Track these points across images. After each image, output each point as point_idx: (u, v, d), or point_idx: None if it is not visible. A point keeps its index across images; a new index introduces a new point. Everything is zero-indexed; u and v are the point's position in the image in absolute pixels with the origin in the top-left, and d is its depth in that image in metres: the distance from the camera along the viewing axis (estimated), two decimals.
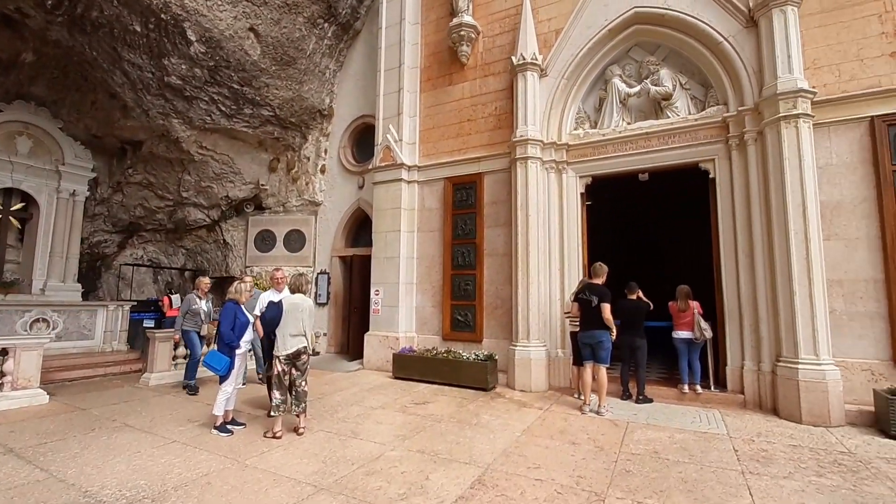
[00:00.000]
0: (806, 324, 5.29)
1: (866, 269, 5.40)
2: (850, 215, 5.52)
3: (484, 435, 4.81)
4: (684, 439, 4.68)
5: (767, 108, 5.74)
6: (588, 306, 5.83)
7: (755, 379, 5.82)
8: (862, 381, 5.26)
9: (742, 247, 6.06)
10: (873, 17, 5.59)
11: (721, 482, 3.65)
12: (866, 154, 5.50)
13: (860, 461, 4.10)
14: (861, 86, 5.57)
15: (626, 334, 6.28)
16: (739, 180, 6.15)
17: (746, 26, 6.11)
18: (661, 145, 6.85)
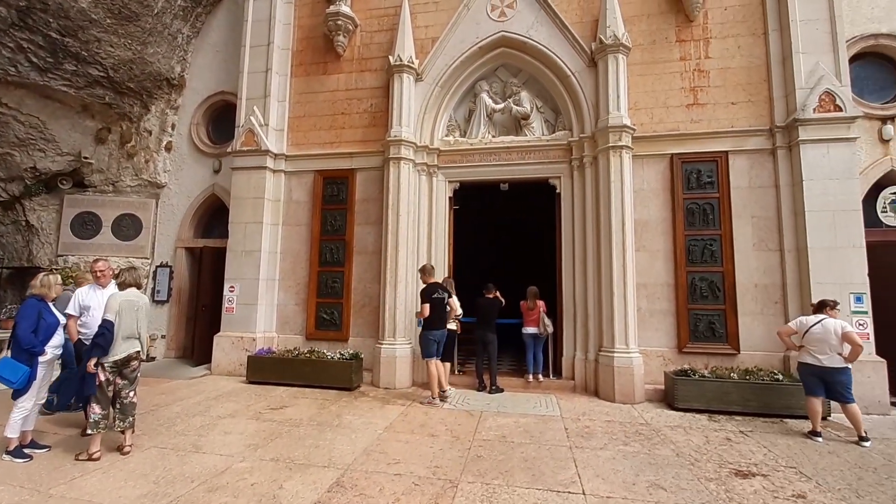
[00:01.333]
0: (620, 319, 6.40)
1: (663, 275, 6.75)
2: (654, 232, 6.84)
3: (345, 436, 4.76)
4: (527, 423, 5.28)
5: (601, 138, 6.79)
6: (442, 304, 6.19)
7: (583, 367, 6.83)
8: (657, 364, 6.55)
9: (578, 254, 7.05)
10: (676, 74, 7.02)
11: (554, 457, 4.21)
12: (667, 183, 6.87)
13: (654, 430, 5.11)
14: (666, 128, 6.94)
15: (481, 330, 6.83)
16: (579, 197, 7.14)
17: (589, 66, 7.13)
18: (519, 160, 7.58)
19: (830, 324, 4.85)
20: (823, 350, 4.81)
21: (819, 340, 4.84)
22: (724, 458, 4.26)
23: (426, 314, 6.07)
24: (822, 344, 4.82)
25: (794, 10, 6.44)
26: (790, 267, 6.28)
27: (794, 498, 3.46)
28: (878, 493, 3.56)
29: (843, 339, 4.75)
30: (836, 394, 4.83)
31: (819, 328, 4.87)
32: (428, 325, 6.14)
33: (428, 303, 6.09)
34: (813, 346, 4.88)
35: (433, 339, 6.15)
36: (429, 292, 6.18)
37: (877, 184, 6.72)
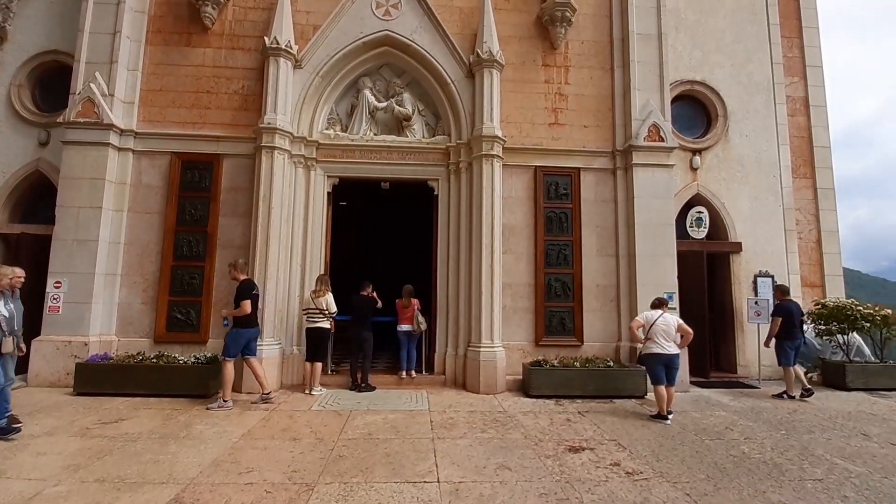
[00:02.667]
0: (487, 317, 6.89)
1: (525, 276, 7.43)
2: (519, 236, 7.49)
3: (192, 448, 4.35)
4: (395, 419, 5.40)
5: (476, 146, 7.22)
6: (257, 302, 6.13)
7: (454, 362, 7.20)
8: (517, 357, 7.18)
9: (453, 255, 7.41)
10: (542, 95, 7.77)
11: (416, 450, 4.38)
12: (531, 192, 7.57)
13: (509, 416, 5.61)
14: (531, 142, 7.64)
15: (356, 328, 6.81)
16: (454, 200, 7.50)
17: (467, 76, 7.52)
18: (400, 160, 7.69)
19: (669, 318, 5.74)
20: (668, 340, 5.62)
21: (663, 332, 5.60)
22: (563, 437, 4.86)
23: (247, 311, 5.79)
24: (665, 335, 5.60)
25: (634, 52, 7.60)
26: (623, 270, 7.40)
27: (612, 466, 4.09)
28: (672, 455, 4.39)
29: (678, 330, 5.66)
30: (671, 377, 5.69)
31: (662, 321, 5.66)
32: (244, 323, 5.87)
33: (248, 299, 5.81)
34: (658, 337, 5.60)
35: (244, 337, 5.89)
36: (249, 288, 5.93)
37: (687, 203, 8.27)
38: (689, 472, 3.95)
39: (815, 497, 3.51)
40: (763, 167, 8.65)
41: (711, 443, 4.77)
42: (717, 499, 3.45)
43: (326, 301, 6.69)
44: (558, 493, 3.47)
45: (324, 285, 6.86)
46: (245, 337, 5.89)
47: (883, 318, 7.45)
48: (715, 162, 8.58)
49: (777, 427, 5.35)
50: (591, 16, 7.94)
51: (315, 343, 6.65)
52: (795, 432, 5.16)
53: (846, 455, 4.44)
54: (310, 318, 6.69)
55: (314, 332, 6.64)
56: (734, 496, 3.50)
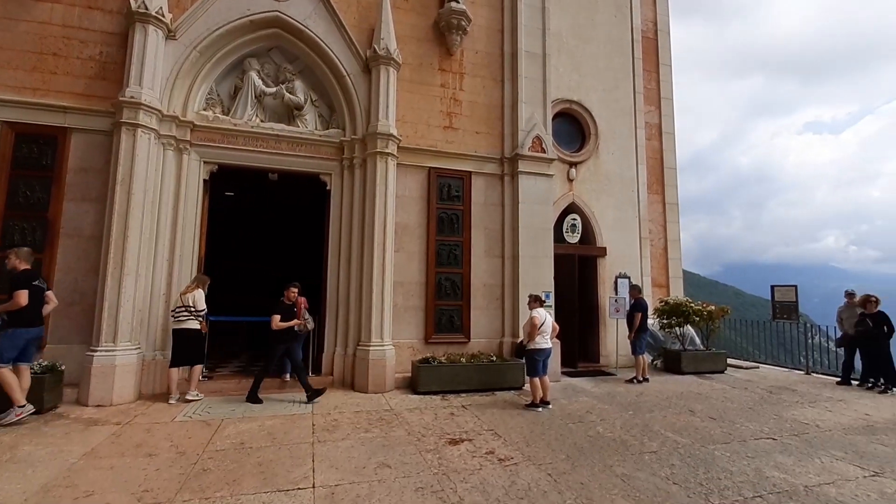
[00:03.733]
0: (378, 315, 6.86)
1: (417, 274, 7.54)
2: (412, 235, 7.58)
3: (17, 473, 3.65)
4: (273, 425, 5.10)
5: (370, 143, 7.14)
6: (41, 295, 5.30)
7: (342, 361, 7.04)
8: (407, 355, 7.27)
9: (343, 252, 7.24)
10: (437, 98, 7.95)
11: (293, 456, 4.19)
12: (424, 193, 7.71)
13: (395, 414, 5.65)
14: (426, 143, 7.78)
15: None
16: (347, 196, 7.33)
17: (364, 71, 7.40)
18: (290, 150, 7.28)
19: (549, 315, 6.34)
20: (550, 335, 6.19)
21: (547, 328, 6.18)
22: (445, 431, 5.03)
23: (21, 303, 4.82)
24: (549, 330, 6.19)
25: (522, 68, 8.16)
26: (507, 270, 7.90)
27: (487, 454, 4.35)
28: (539, 440, 4.80)
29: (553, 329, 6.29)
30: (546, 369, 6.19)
31: (547, 317, 6.25)
32: (21, 321, 4.91)
33: (25, 289, 4.88)
34: (545, 333, 6.13)
35: (22, 338, 4.95)
36: (26, 278, 4.99)
37: (564, 211, 9.12)
38: (553, 454, 4.37)
39: (650, 467, 4.11)
40: (625, 182, 9.90)
41: (574, 426, 5.32)
42: (574, 476, 3.87)
43: (194, 298, 6.13)
44: (434, 486, 3.59)
45: (196, 281, 6.33)
46: (23, 337, 4.93)
47: (709, 313, 9.01)
48: (588, 175, 9.59)
49: (626, 408, 6.16)
50: (485, 28, 8.33)
51: (180, 345, 6.04)
52: (640, 412, 5.99)
53: (676, 429, 5.27)
54: (176, 318, 6.07)
55: (179, 334, 6.05)
56: (587, 472, 3.95)
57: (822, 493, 3.60)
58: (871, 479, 3.91)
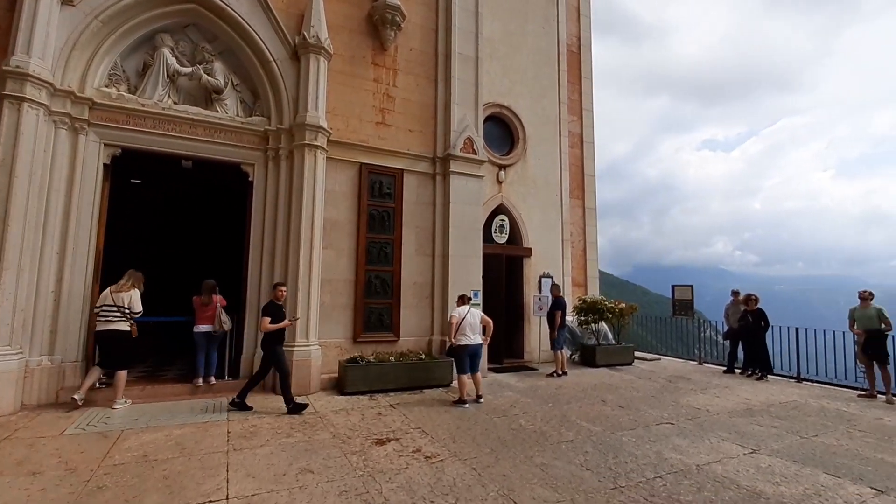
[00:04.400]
0: (303, 313, 6.60)
1: (346, 272, 7.36)
2: (341, 232, 7.38)
3: None
4: (183, 434, 4.71)
5: (298, 134, 6.83)
6: None
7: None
8: (334, 355, 7.07)
9: (267, 247, 6.86)
10: (370, 93, 7.80)
11: (204, 467, 3.90)
12: (355, 189, 7.54)
13: (320, 417, 5.47)
14: (358, 138, 7.61)
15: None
16: (272, 189, 6.95)
17: (292, 58, 7.06)
18: (207, 136, 6.75)
19: (475, 312, 6.46)
20: (475, 332, 6.30)
21: (471, 325, 6.28)
22: (372, 431, 4.97)
23: None
24: (473, 327, 6.29)
25: (455, 69, 8.26)
26: (438, 269, 7.98)
27: (413, 452, 4.36)
28: (465, 435, 4.91)
29: (481, 323, 6.40)
30: (475, 366, 6.32)
31: (470, 316, 6.34)
32: None
33: None
34: (467, 329, 6.25)
35: None
36: None
37: (493, 212, 9.40)
38: (478, 448, 4.49)
39: (566, 455, 4.37)
40: (549, 187, 10.42)
41: (498, 420, 5.51)
42: (497, 468, 4.01)
43: (130, 298, 5.66)
44: (359, 488, 3.53)
45: (132, 279, 5.83)
46: None
47: (621, 310, 9.78)
48: (516, 178, 9.96)
49: (547, 401, 6.50)
50: (420, 26, 8.32)
51: (107, 348, 5.56)
52: (559, 404, 6.35)
53: (590, 418, 5.66)
54: (104, 318, 5.56)
55: (106, 336, 5.54)
56: (510, 464, 4.11)
57: (710, 471, 4.06)
58: (749, 456, 4.48)
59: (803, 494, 3.61)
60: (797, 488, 3.72)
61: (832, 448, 4.73)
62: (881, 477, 3.99)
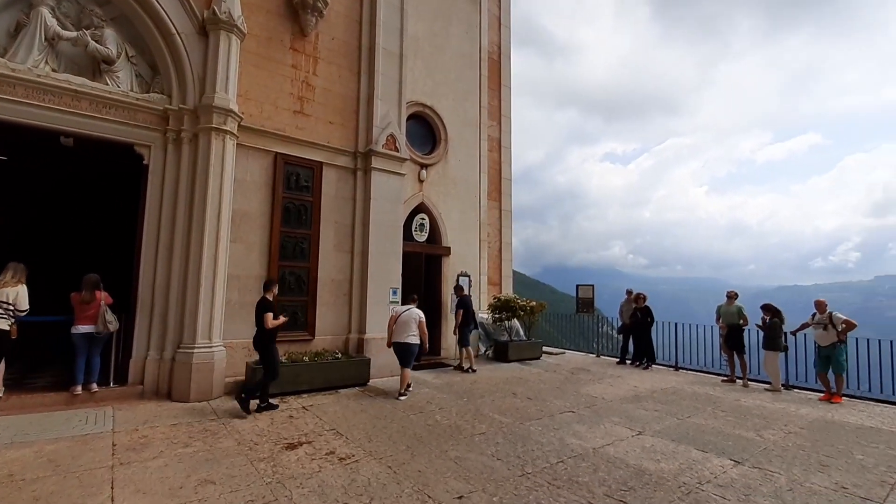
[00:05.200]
0: (206, 312, 6.10)
1: (257, 267, 6.93)
2: (253, 224, 6.93)
3: None
4: (57, 450, 4.12)
5: (204, 116, 6.28)
6: None
7: (157, 368, 6.05)
8: (241, 356, 6.62)
9: (164, 240, 6.22)
10: (288, 79, 7.42)
11: (84, 485, 3.45)
12: (269, 180, 7.12)
13: (223, 423, 5.10)
14: (274, 126, 7.19)
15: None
16: (171, 174, 6.31)
17: (199, 33, 6.46)
18: (94, 111, 5.96)
19: (414, 312, 6.67)
20: (410, 330, 6.55)
21: (405, 323, 6.55)
22: (282, 436, 4.75)
23: None
24: (407, 326, 6.55)
25: (379, 63, 8.16)
26: (357, 266, 7.83)
27: (327, 455, 4.25)
28: (382, 434, 4.89)
29: (418, 325, 6.62)
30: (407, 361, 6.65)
31: (406, 315, 6.59)
32: None
33: None
34: (402, 328, 6.54)
35: None
36: None
37: (414, 210, 9.44)
38: (394, 446, 4.51)
39: (479, 447, 4.55)
40: (469, 188, 10.72)
41: (415, 417, 5.57)
42: (413, 465, 4.05)
43: (17, 294, 5.01)
44: (267, 496, 3.36)
45: (17, 273, 5.15)
46: None
47: (531, 308, 10.36)
48: (437, 177, 10.10)
49: (462, 396, 6.70)
50: (344, 16, 8.08)
51: None
52: (473, 398, 6.58)
53: (501, 411, 5.95)
54: None
55: None
56: (425, 459, 4.18)
57: (604, 453, 4.49)
58: (636, 438, 5.02)
59: (679, 469, 4.14)
60: (674, 464, 4.25)
61: (701, 427, 5.48)
62: (738, 450, 4.70)
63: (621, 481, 3.83)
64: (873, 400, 7.15)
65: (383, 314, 7.83)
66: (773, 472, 4.13)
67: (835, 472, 4.17)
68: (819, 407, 6.68)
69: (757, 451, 4.66)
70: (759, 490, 3.72)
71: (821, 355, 7.22)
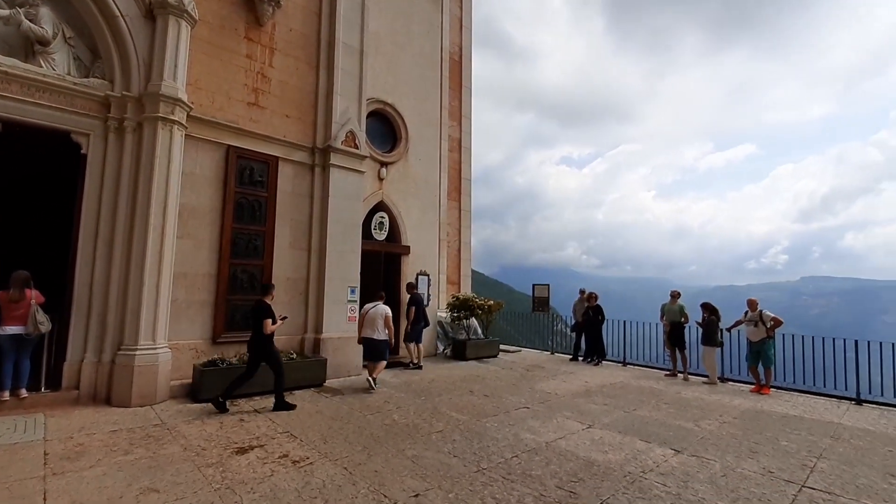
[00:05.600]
0: (150, 311, 5.78)
1: (206, 265, 6.64)
2: (202, 220, 6.63)
3: None
4: None
5: (149, 104, 5.94)
6: None
7: (94, 371, 5.67)
8: (188, 358, 6.33)
9: (104, 234, 5.83)
10: (242, 70, 7.15)
11: (14, 497, 3.19)
12: (221, 173, 6.84)
13: (168, 429, 4.86)
14: (226, 117, 6.91)
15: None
16: (113, 165, 5.93)
17: (146, 16, 6.10)
18: (26, 96, 5.51)
19: (380, 308, 7.04)
20: (376, 326, 6.94)
21: (372, 319, 6.97)
22: (232, 440, 4.59)
23: None
24: (374, 322, 6.95)
25: (339, 58, 8.02)
26: (314, 264, 7.67)
27: (280, 458, 4.15)
28: (338, 435, 4.83)
29: (384, 320, 6.99)
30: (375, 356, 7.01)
31: (373, 311, 7.00)
32: None
33: None
34: (369, 324, 6.96)
35: None
36: None
37: (373, 208, 9.36)
38: (350, 447, 4.46)
39: (436, 445, 4.59)
40: (429, 187, 10.74)
41: (372, 417, 5.54)
42: (370, 465, 4.03)
43: None
44: (216, 503, 3.25)
45: None
46: None
47: (489, 307, 10.54)
48: (397, 176, 10.05)
49: (420, 395, 6.73)
50: (302, 7, 7.88)
51: None
52: (431, 397, 6.62)
53: (458, 408, 6.02)
54: None
55: None
56: (382, 459, 4.17)
57: (557, 447, 4.66)
58: (586, 431, 5.23)
59: (624, 459, 4.36)
60: (620, 454, 4.48)
61: (646, 419, 5.79)
62: (678, 439, 5.01)
63: (572, 473, 3.98)
64: (798, 391, 7.81)
65: (341, 313, 7.73)
66: (709, 459, 4.43)
67: (763, 457, 4.53)
68: (750, 398, 7.23)
69: (695, 441, 4.98)
70: (696, 477, 3.99)
71: (752, 350, 7.81)
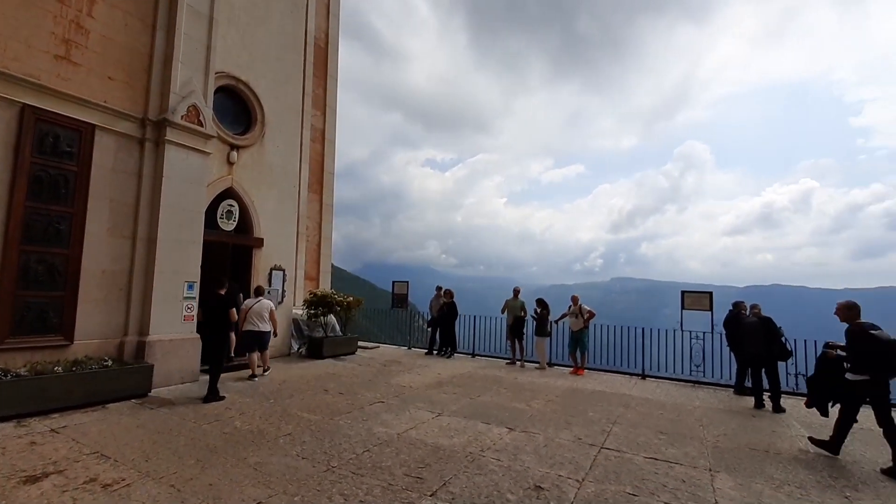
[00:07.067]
0: None
1: None
2: None
3: None
4: None
5: None
6: None
7: None
8: None
9: None
10: (50, 15, 5.79)
11: None
12: (12, 139, 5.45)
13: None
14: (23, 70, 5.53)
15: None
16: None
17: None
18: None
19: (265, 303, 7.59)
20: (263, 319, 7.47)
21: (258, 313, 7.45)
22: (18, 468, 3.72)
23: None
24: (260, 316, 7.48)
25: (182, 21, 7.04)
26: (140, 255, 6.60)
27: (87, 483, 3.50)
28: (164, 450, 4.27)
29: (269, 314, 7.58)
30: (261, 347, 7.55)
31: (258, 306, 7.49)
32: None
33: None
34: (254, 317, 7.43)
35: None
36: None
37: (220, 195, 8.45)
38: (180, 462, 4.00)
39: (283, 449, 4.39)
40: (288, 177, 10.13)
41: (208, 426, 5.03)
42: (203, 479, 3.67)
43: None
44: None
45: None
46: None
47: (348, 303, 10.40)
48: (251, 162, 9.24)
49: (268, 398, 6.33)
50: None
51: None
52: (280, 398, 6.28)
53: (311, 409, 5.84)
54: None
55: None
56: (218, 471, 3.83)
57: (408, 437, 4.86)
58: (436, 419, 5.57)
59: (467, 441, 4.78)
60: (464, 438, 4.89)
61: (488, 404, 6.41)
62: (512, 419, 5.67)
63: (419, 460, 4.22)
64: (604, 370, 9.48)
65: (174, 312, 6.83)
66: (535, 433, 5.13)
67: (575, 427, 5.42)
68: (570, 379, 8.53)
69: (525, 419, 5.71)
70: (524, 449, 4.58)
71: (572, 338, 9.24)
